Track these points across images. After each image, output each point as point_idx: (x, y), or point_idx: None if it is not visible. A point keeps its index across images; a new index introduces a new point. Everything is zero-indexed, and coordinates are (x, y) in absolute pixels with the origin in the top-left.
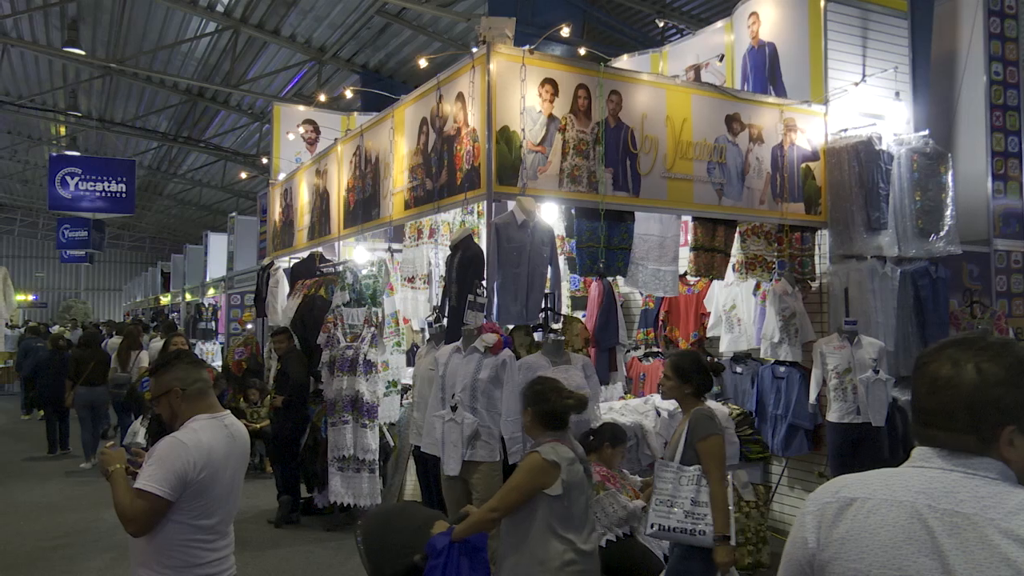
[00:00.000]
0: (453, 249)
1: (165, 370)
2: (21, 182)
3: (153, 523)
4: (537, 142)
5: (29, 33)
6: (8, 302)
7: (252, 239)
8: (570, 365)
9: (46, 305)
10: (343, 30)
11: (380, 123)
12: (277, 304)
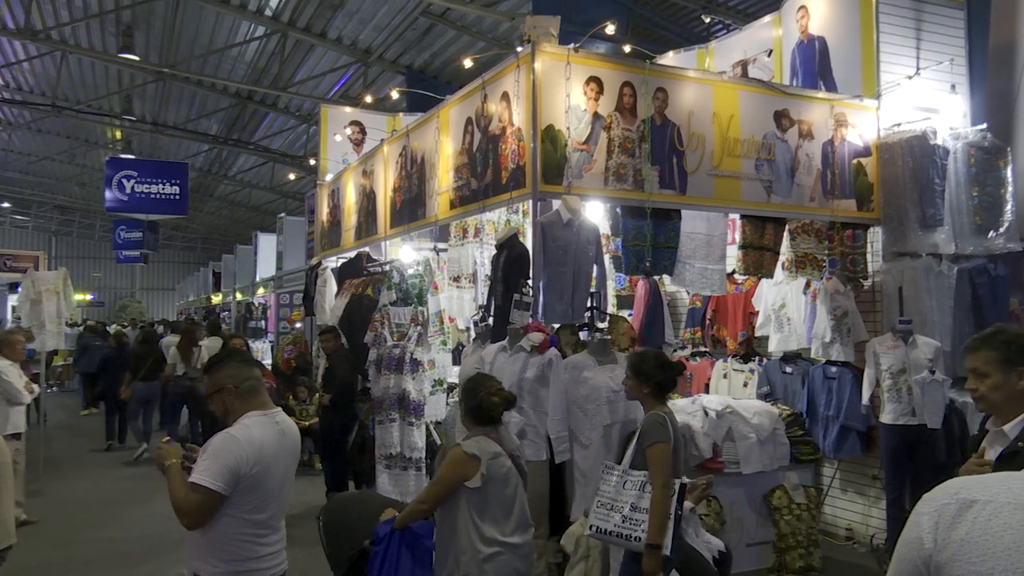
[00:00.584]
0: (499, 248)
1: (218, 368)
2: (79, 184)
3: (207, 517)
4: (582, 140)
5: (86, 40)
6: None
7: (300, 239)
8: (616, 364)
9: (103, 304)
10: (388, 31)
11: (426, 123)
12: (325, 303)
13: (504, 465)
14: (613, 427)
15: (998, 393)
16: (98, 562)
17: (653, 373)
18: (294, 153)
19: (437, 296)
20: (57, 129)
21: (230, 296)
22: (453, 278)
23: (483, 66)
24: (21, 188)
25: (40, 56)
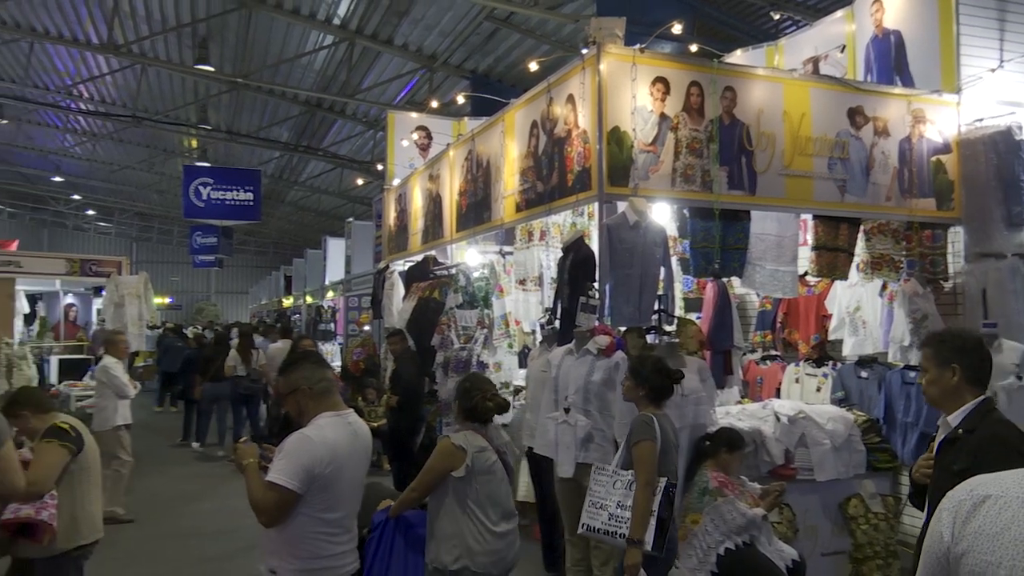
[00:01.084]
0: (565, 251)
1: (292, 369)
2: (157, 192)
3: (283, 515)
4: (649, 142)
5: (164, 53)
6: (149, 305)
7: (368, 243)
8: (684, 368)
9: (180, 307)
10: (453, 37)
11: (491, 127)
12: (392, 306)
13: (489, 459)
14: (682, 431)
15: (934, 388)
16: (176, 556)
17: (650, 377)
18: (362, 159)
19: (503, 299)
20: (137, 139)
21: (301, 299)
22: (519, 281)
23: (548, 69)
24: (104, 196)
25: (122, 69)
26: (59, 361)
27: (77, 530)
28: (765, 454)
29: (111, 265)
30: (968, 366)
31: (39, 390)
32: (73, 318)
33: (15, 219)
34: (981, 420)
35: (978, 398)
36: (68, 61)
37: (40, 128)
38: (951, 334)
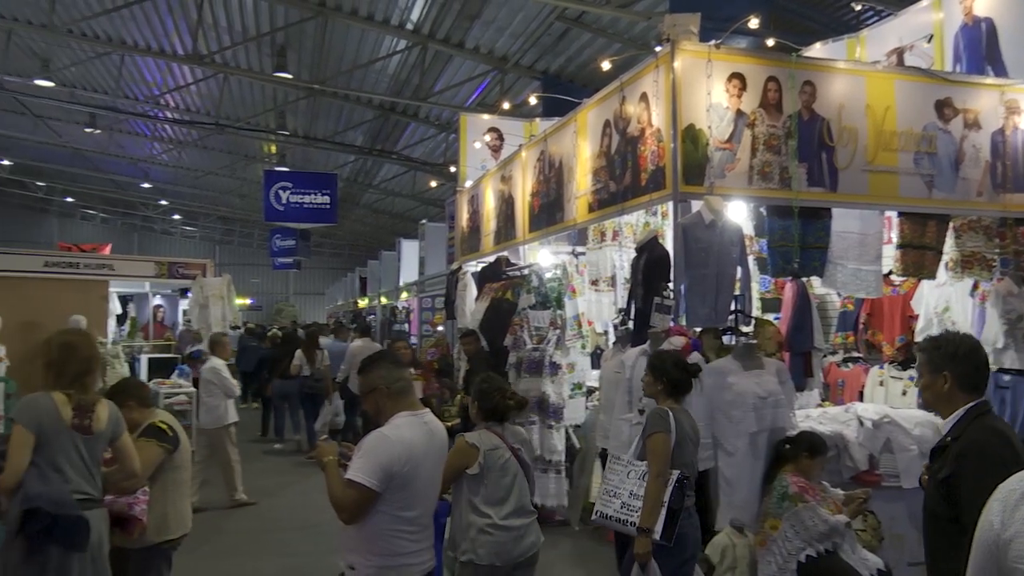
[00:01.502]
0: (638, 251)
1: (371, 369)
2: (239, 196)
3: (362, 512)
4: (724, 139)
5: (245, 62)
6: (231, 306)
7: (441, 245)
8: (762, 370)
9: (261, 308)
10: (524, 38)
11: (563, 127)
12: (465, 307)
13: (503, 457)
14: (760, 435)
15: (928, 393)
16: (260, 550)
17: (668, 371)
18: (434, 161)
19: (575, 299)
20: (220, 146)
21: (375, 300)
22: (592, 281)
23: (620, 68)
24: (190, 201)
25: (205, 79)
26: (148, 360)
27: (167, 525)
28: (848, 459)
29: (196, 268)
30: (960, 373)
31: (143, 384)
32: (161, 318)
33: (108, 224)
34: (967, 427)
35: (969, 404)
36: (156, 72)
37: (130, 137)
38: (945, 340)
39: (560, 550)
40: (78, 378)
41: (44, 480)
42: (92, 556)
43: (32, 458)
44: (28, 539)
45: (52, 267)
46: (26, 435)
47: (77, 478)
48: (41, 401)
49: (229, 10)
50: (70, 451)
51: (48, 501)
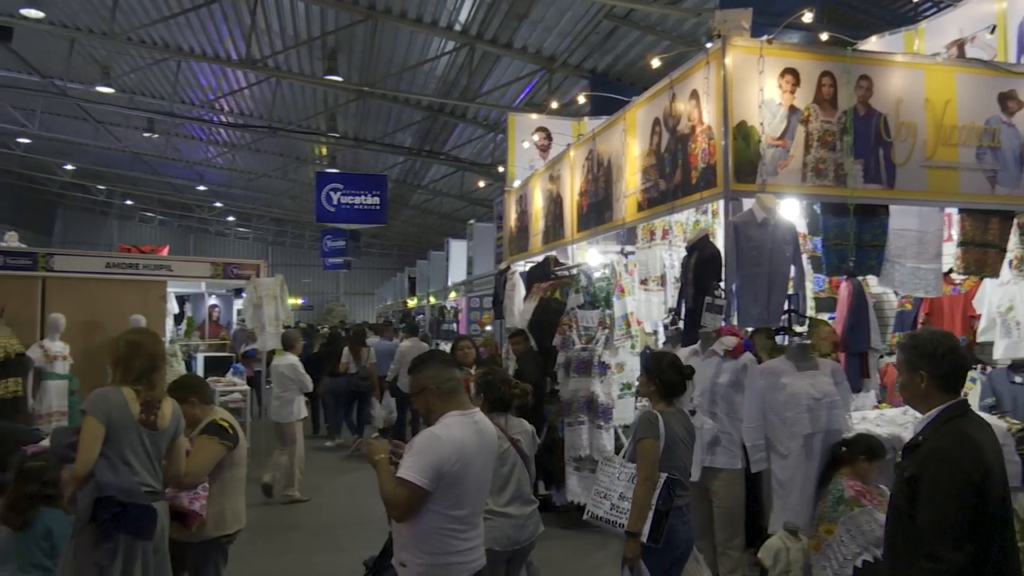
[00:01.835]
0: (689, 250)
1: (420, 369)
2: (291, 198)
3: (413, 510)
4: (777, 136)
5: (297, 66)
6: (284, 305)
7: (489, 244)
8: (817, 371)
9: (312, 308)
10: (572, 37)
11: (612, 126)
12: (514, 306)
13: (502, 446)
14: (815, 437)
15: (906, 391)
16: (312, 546)
17: (663, 372)
18: (482, 161)
19: (624, 299)
20: (272, 148)
21: (424, 300)
22: (641, 281)
23: (670, 65)
24: (243, 203)
25: (258, 83)
26: (204, 358)
27: (223, 520)
28: None
29: (250, 268)
30: (936, 373)
31: (202, 381)
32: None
33: (165, 226)
34: (938, 429)
35: (945, 404)
36: (211, 77)
37: (186, 141)
38: (923, 338)
39: (610, 551)
40: (144, 375)
41: (114, 471)
42: (155, 546)
43: (102, 450)
44: (98, 526)
45: (113, 268)
46: (98, 427)
47: (142, 471)
48: (112, 395)
49: (281, 15)
50: (136, 445)
51: (119, 490)
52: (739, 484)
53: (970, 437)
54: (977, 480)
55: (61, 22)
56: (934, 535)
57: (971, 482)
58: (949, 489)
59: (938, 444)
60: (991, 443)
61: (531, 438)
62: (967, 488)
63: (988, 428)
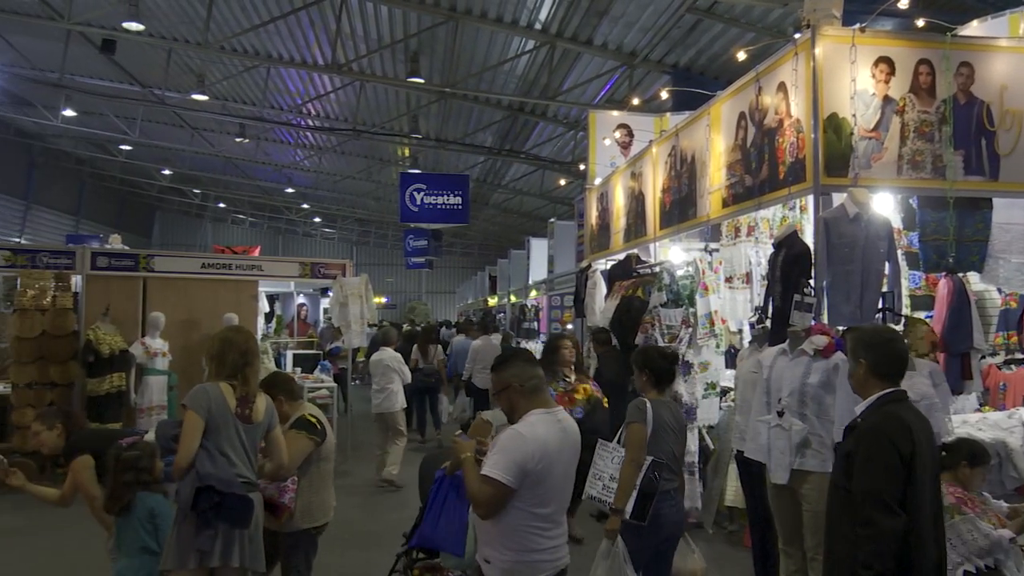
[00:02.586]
0: (777, 247)
1: (504, 367)
2: (374, 199)
3: (498, 508)
4: (870, 128)
5: (380, 69)
6: (369, 304)
7: (570, 243)
8: (914, 372)
9: (395, 307)
10: (653, 32)
11: (695, 121)
12: (595, 305)
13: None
14: None
15: (851, 379)
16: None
17: (651, 362)
18: (563, 159)
19: (707, 297)
20: (357, 151)
21: (505, 298)
22: (726, 278)
23: (755, 57)
24: (329, 204)
25: (344, 87)
26: (293, 355)
27: (311, 513)
28: (1011, 469)
29: (336, 268)
30: (874, 361)
31: (290, 378)
32: (304, 316)
33: (255, 228)
34: (875, 411)
35: (884, 391)
36: (298, 82)
37: (275, 145)
38: (864, 330)
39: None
40: (237, 370)
41: (213, 462)
42: (251, 535)
43: (202, 442)
44: (198, 515)
45: (209, 268)
46: (198, 421)
47: (239, 463)
48: (210, 390)
49: (365, 19)
50: (233, 438)
51: (217, 480)
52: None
53: (901, 417)
54: (906, 454)
55: (159, 34)
56: (869, 503)
57: (900, 455)
58: (881, 461)
59: (872, 423)
60: (923, 428)
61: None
62: (896, 460)
63: (923, 417)
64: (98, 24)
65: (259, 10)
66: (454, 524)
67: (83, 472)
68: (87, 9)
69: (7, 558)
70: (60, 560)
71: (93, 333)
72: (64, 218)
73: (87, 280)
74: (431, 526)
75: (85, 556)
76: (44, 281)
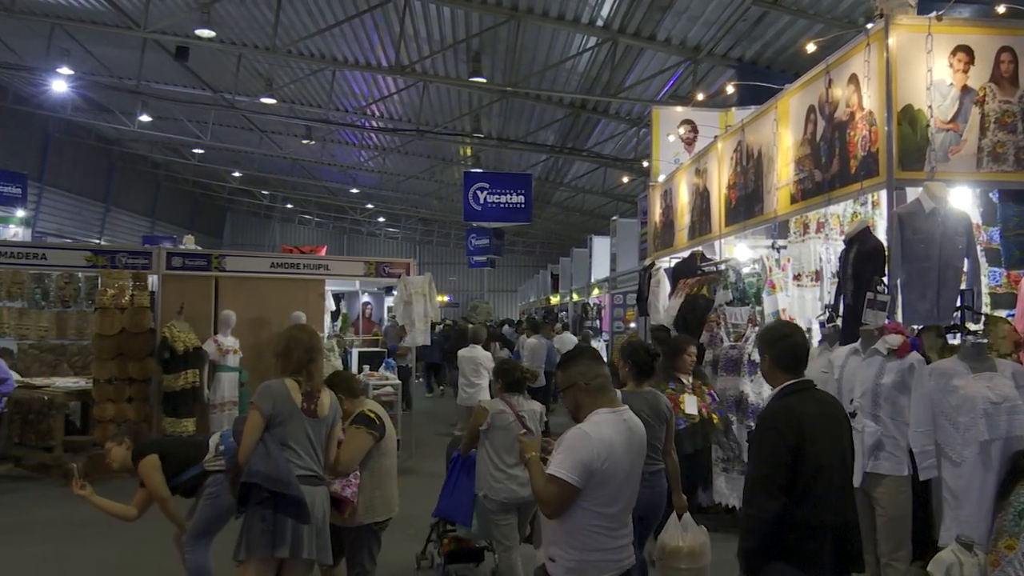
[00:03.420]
0: (848, 243)
1: (569, 365)
2: (437, 199)
3: (564, 507)
4: (948, 119)
5: (443, 69)
6: (433, 303)
7: (633, 241)
8: (995, 372)
9: (457, 305)
10: (718, 26)
11: (762, 116)
12: (659, 303)
13: (507, 419)
14: (993, 444)
15: (761, 372)
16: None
17: (632, 354)
18: (625, 157)
19: (775, 295)
20: (420, 151)
21: (567, 297)
22: (794, 276)
23: (825, 49)
24: (392, 204)
25: (407, 88)
26: (359, 353)
27: (374, 508)
28: None
29: (401, 267)
30: (775, 355)
31: (352, 376)
32: (369, 315)
33: (321, 227)
34: (775, 401)
35: (787, 382)
36: (362, 84)
37: (340, 146)
38: (766, 327)
39: None
40: (302, 366)
41: (267, 459)
42: (317, 528)
43: (263, 437)
44: (262, 509)
45: (277, 267)
46: (258, 418)
47: (305, 457)
48: (274, 386)
49: (428, 20)
50: (300, 432)
51: (264, 479)
52: (905, 492)
53: (793, 408)
54: (792, 443)
55: (230, 40)
56: (752, 486)
57: (785, 444)
58: (767, 448)
59: (765, 413)
60: (823, 416)
61: (538, 416)
62: (781, 448)
63: (826, 405)
64: (172, 32)
65: (324, 14)
66: (464, 499)
67: (151, 473)
68: (162, 17)
69: (88, 550)
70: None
71: (168, 331)
72: (140, 220)
73: (163, 279)
74: (446, 500)
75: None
76: (123, 281)
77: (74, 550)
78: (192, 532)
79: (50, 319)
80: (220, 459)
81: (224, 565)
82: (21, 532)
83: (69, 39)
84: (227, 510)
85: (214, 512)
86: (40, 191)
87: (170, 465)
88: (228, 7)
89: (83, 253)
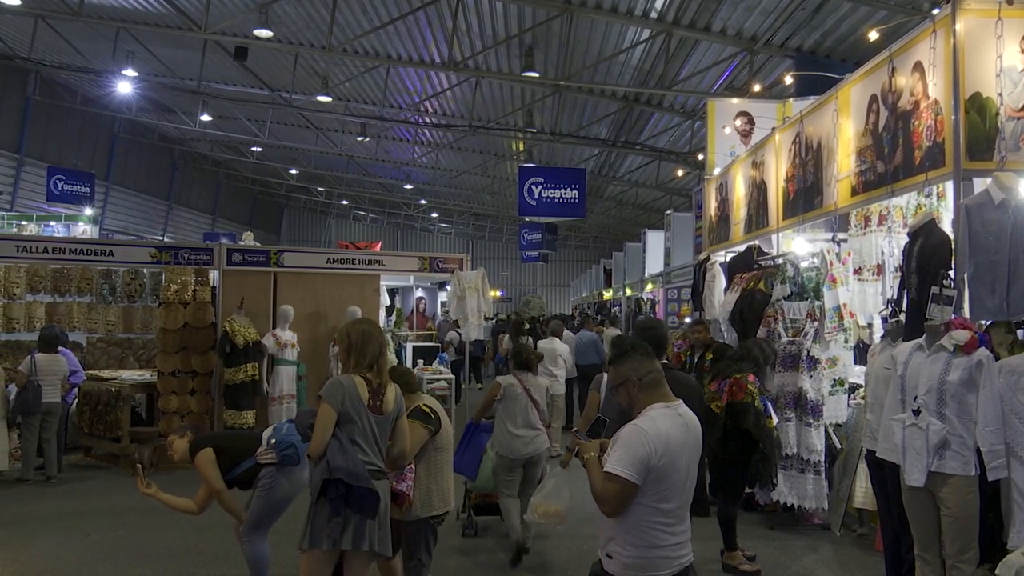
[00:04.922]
0: (912, 236)
1: (622, 361)
2: (490, 194)
3: (623, 505)
4: (1019, 107)
5: (495, 64)
6: (486, 298)
7: (687, 235)
8: None
9: (510, 300)
10: (776, 15)
11: (821, 107)
12: (714, 298)
13: (516, 391)
14: None
15: None
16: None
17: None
18: (680, 150)
19: (835, 290)
20: (473, 146)
21: (620, 292)
22: (855, 270)
23: (887, 37)
24: (446, 200)
25: (460, 84)
26: (413, 348)
27: (431, 501)
28: None
29: (454, 262)
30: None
31: (408, 371)
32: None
33: (376, 223)
34: None
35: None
36: (416, 81)
37: (394, 143)
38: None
39: (820, 555)
40: (374, 362)
41: (344, 454)
42: (379, 521)
43: (335, 433)
44: (329, 503)
45: (333, 263)
46: (331, 413)
47: (370, 452)
48: (345, 383)
49: (481, 16)
50: (366, 429)
51: (346, 473)
52: (972, 492)
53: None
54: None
55: (287, 39)
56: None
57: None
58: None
59: None
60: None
61: (543, 390)
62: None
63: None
64: (231, 32)
65: (379, 12)
66: (471, 458)
67: (207, 466)
68: (221, 19)
69: (155, 536)
70: (208, 536)
71: (229, 325)
72: (202, 217)
73: (223, 275)
74: (459, 458)
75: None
76: (186, 276)
77: (142, 536)
78: (248, 523)
79: (117, 314)
80: (271, 452)
81: (283, 554)
82: (92, 519)
83: (133, 41)
84: (281, 501)
85: (268, 503)
86: (107, 190)
87: (225, 458)
88: (285, 7)
89: (148, 250)
